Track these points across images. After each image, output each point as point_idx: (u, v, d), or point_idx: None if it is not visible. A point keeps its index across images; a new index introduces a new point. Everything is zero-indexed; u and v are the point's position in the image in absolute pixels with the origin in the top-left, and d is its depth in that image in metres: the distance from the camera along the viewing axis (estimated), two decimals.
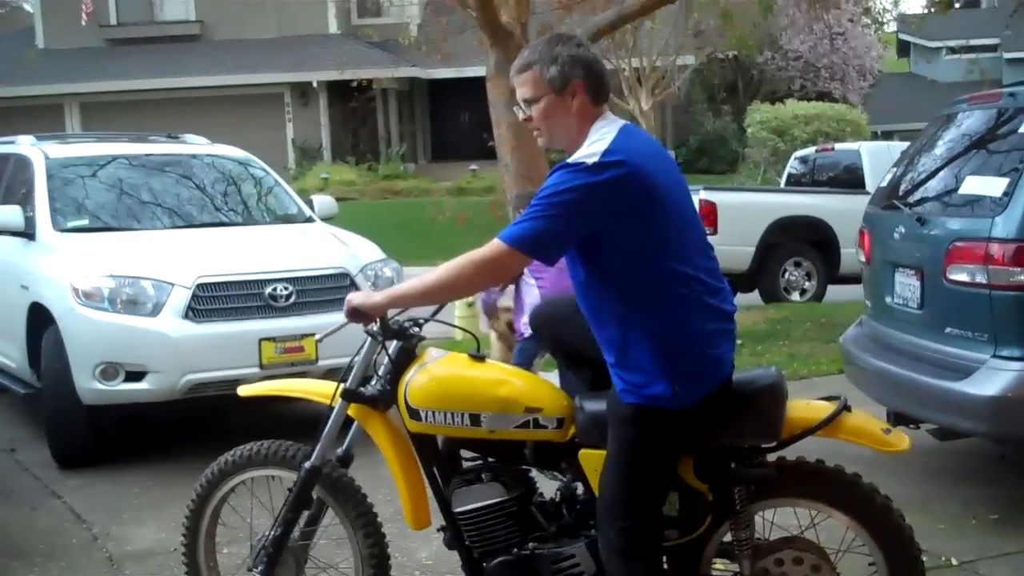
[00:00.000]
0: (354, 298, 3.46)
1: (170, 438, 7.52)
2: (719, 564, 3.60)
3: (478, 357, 3.57)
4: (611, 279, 3.16)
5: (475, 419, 3.43)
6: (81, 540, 5.52)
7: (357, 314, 3.44)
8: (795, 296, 13.17)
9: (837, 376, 7.92)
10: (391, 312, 3.56)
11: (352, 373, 3.66)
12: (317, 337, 3.81)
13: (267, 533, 3.78)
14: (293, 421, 7.03)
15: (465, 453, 3.65)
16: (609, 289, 3.18)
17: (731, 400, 3.30)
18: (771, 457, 3.46)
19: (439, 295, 3.38)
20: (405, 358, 3.59)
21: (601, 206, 3.04)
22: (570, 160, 3.10)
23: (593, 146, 3.11)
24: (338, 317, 6.76)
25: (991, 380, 4.97)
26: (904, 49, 43.68)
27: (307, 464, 3.71)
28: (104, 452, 6.89)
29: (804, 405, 3.46)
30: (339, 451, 3.77)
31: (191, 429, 7.64)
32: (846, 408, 3.40)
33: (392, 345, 3.58)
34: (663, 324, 3.13)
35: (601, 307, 3.22)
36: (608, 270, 3.15)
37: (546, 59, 3.24)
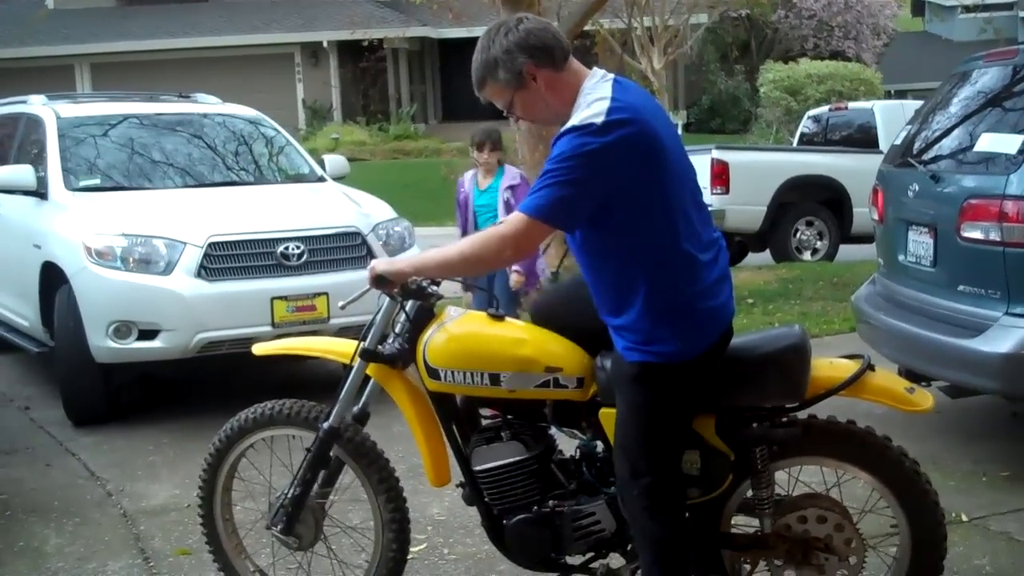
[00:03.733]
0: (378, 265, 3.45)
1: (183, 396, 7.55)
2: (740, 520, 3.61)
3: (497, 316, 3.54)
4: (612, 238, 3.13)
5: (495, 379, 3.42)
6: (95, 496, 5.56)
7: (381, 281, 3.43)
8: (807, 255, 13.15)
9: (849, 335, 7.91)
10: None
11: (371, 332, 3.64)
12: (341, 304, 3.79)
13: (285, 492, 3.80)
14: (306, 379, 7.08)
15: (484, 410, 3.65)
16: (609, 248, 3.15)
17: (752, 359, 3.29)
18: (801, 415, 3.45)
19: (463, 268, 3.36)
20: (424, 317, 3.58)
21: (614, 166, 3.00)
22: (576, 123, 3.03)
23: (594, 106, 3.04)
24: (350, 276, 6.85)
25: (1004, 337, 4.96)
26: (919, 7, 43.29)
27: (325, 425, 3.72)
28: (117, 410, 6.94)
29: (827, 364, 3.43)
30: (355, 409, 3.77)
31: (204, 387, 7.68)
32: (870, 367, 3.38)
33: (411, 304, 3.57)
34: (664, 283, 3.12)
35: (600, 266, 3.21)
36: (610, 229, 3.11)
37: (490, 67, 3.20)
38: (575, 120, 3.04)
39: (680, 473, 3.31)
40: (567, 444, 3.66)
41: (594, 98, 3.07)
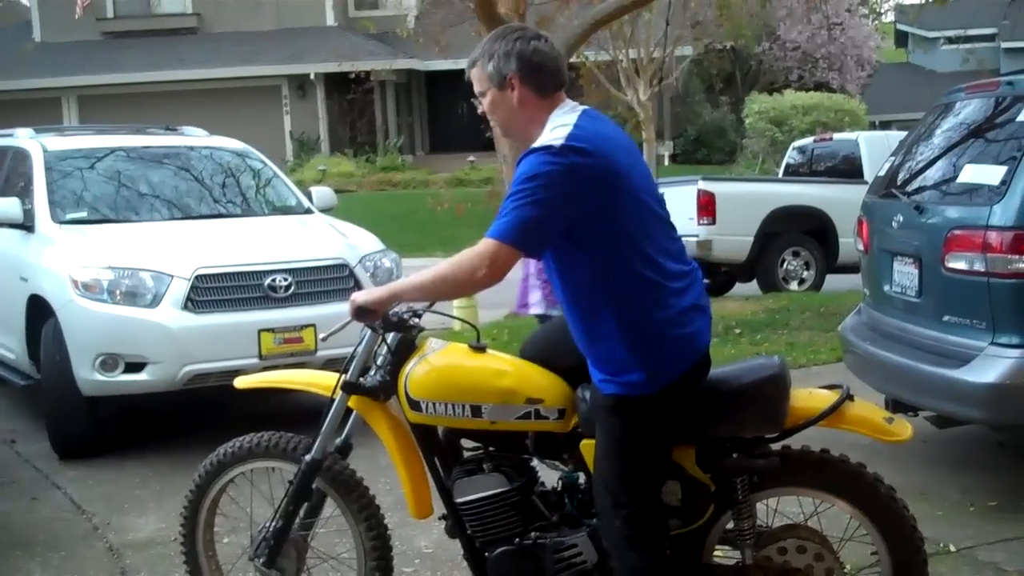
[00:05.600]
0: (358, 296, 3.45)
1: (170, 429, 7.52)
2: (721, 552, 3.60)
3: (479, 348, 3.56)
4: (577, 269, 3.18)
5: (476, 410, 3.43)
6: (81, 530, 5.53)
7: (363, 312, 3.42)
8: (793, 286, 13.17)
9: (836, 364, 7.93)
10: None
11: (352, 365, 3.66)
12: (322, 336, 3.80)
13: (268, 524, 3.79)
14: (293, 412, 7.04)
15: (466, 442, 3.65)
16: (577, 280, 3.20)
17: (731, 390, 3.31)
18: (775, 446, 3.46)
19: (439, 292, 3.35)
20: (405, 349, 3.60)
21: (571, 189, 3.05)
22: (537, 145, 3.12)
23: (556, 131, 3.13)
24: (337, 308, 6.83)
25: (989, 367, 4.98)
26: (902, 39, 43.69)
27: (308, 457, 3.72)
28: (104, 443, 6.89)
29: (807, 395, 3.45)
30: (338, 441, 3.78)
31: (191, 420, 7.65)
32: (849, 397, 3.40)
33: (392, 336, 3.59)
34: (630, 311, 3.15)
35: (572, 298, 3.25)
36: (574, 260, 3.17)
37: (487, 55, 3.30)
38: (538, 142, 3.13)
39: (660, 503, 3.32)
40: (549, 476, 3.66)
41: (559, 124, 3.16)
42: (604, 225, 3.10)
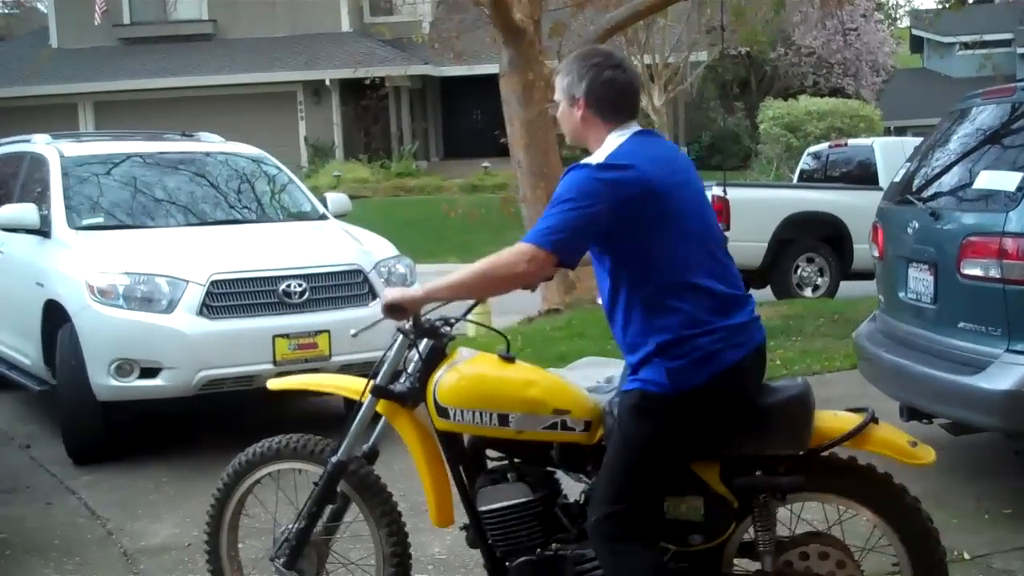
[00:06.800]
0: (390, 293, 3.50)
1: (185, 434, 7.54)
2: (742, 562, 3.60)
3: (508, 358, 3.58)
4: (618, 281, 3.26)
5: (503, 419, 3.45)
6: (96, 536, 5.55)
7: (395, 309, 3.46)
8: (808, 292, 13.11)
9: (850, 372, 7.89)
10: (424, 310, 3.61)
11: (382, 369, 3.69)
12: (352, 332, 3.84)
13: (291, 526, 3.82)
14: (308, 417, 7.08)
15: (491, 453, 3.67)
16: (616, 290, 3.28)
17: (757, 408, 3.34)
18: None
19: (474, 289, 3.42)
20: (436, 357, 3.62)
21: (607, 204, 3.13)
22: (581, 161, 3.23)
23: (603, 150, 3.25)
24: (352, 314, 6.86)
25: (1004, 375, 4.95)
26: (917, 44, 43.58)
27: (334, 459, 3.74)
28: (119, 448, 6.91)
29: (831, 416, 3.47)
30: (365, 447, 3.81)
31: (206, 425, 7.67)
32: (873, 420, 3.41)
33: (423, 343, 3.61)
34: (660, 317, 3.20)
35: (613, 305, 3.31)
36: (615, 272, 3.26)
37: (565, 70, 3.42)
38: (585, 160, 3.24)
39: (654, 511, 3.33)
40: (572, 489, 3.67)
41: (608, 143, 3.28)
42: (644, 244, 3.18)
